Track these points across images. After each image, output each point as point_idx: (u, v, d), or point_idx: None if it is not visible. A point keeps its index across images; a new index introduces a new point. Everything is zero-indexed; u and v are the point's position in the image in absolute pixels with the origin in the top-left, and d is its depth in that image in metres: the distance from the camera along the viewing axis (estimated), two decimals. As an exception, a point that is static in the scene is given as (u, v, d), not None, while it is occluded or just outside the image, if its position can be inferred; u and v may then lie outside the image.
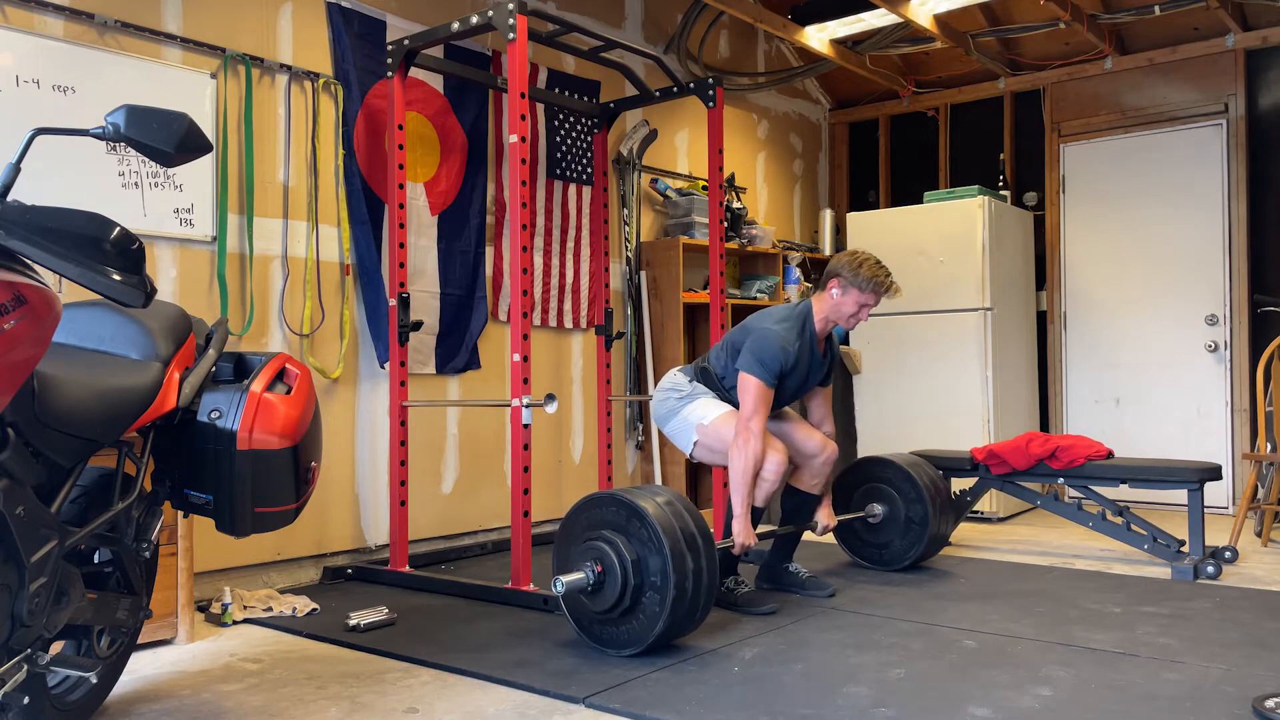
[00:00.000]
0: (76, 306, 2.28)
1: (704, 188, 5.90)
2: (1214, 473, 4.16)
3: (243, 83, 3.90)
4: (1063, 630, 3.19)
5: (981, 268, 5.56)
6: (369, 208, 4.25)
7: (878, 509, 4.15)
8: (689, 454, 3.68)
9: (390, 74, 4.09)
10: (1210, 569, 3.99)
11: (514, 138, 3.62)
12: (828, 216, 6.81)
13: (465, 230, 4.67)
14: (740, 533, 3.43)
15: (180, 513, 3.17)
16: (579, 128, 5.24)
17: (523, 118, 3.61)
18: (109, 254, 1.73)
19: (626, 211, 5.56)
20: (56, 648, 2.38)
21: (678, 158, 5.96)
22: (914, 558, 4.09)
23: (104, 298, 1.81)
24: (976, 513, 5.57)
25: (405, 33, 4.41)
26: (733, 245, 5.83)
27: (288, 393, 2.35)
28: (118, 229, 1.74)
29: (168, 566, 3.14)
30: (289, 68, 4.05)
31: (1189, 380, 5.87)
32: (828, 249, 6.77)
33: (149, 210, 3.61)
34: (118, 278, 1.74)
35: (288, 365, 2.42)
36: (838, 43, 6.11)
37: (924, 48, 6.19)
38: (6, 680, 1.82)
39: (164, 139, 1.81)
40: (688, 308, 5.74)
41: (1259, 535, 4.83)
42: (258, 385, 2.32)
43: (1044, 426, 6.32)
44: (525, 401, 3.58)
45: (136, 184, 3.58)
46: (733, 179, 6.12)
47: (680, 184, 5.92)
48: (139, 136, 1.80)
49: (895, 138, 7.07)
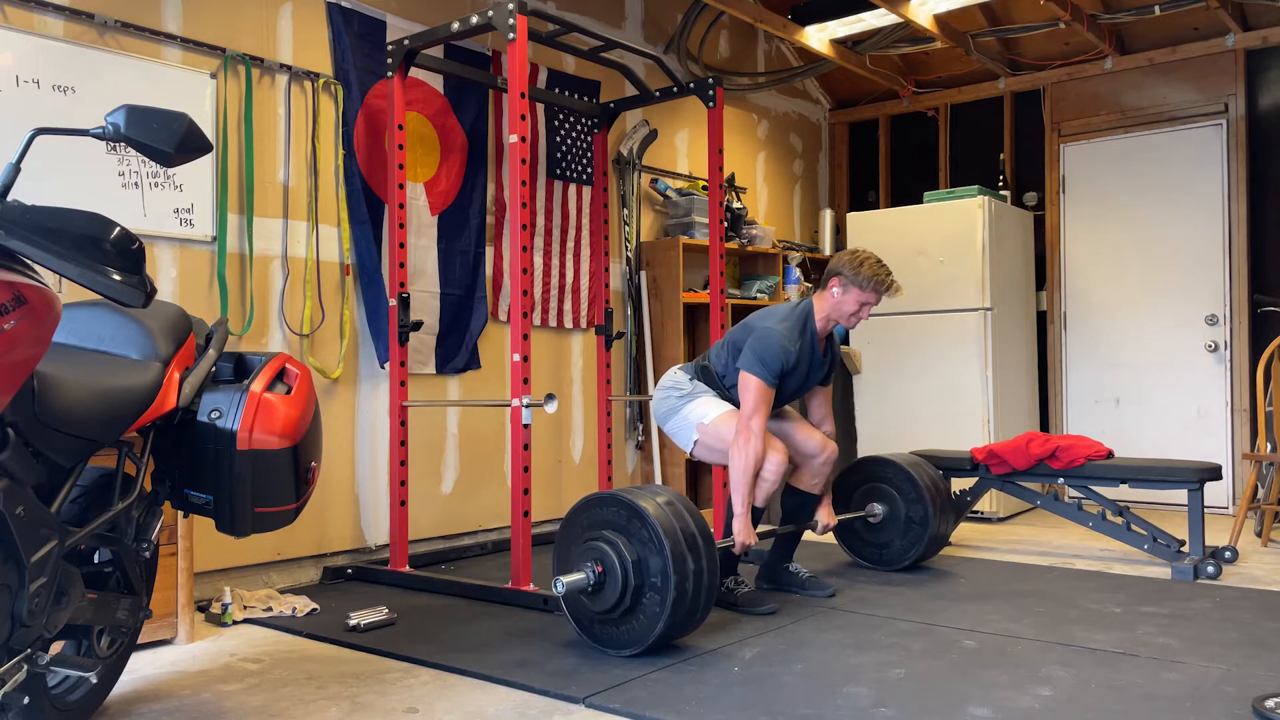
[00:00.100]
0: (76, 306, 2.28)
1: (704, 188, 5.90)
2: (1214, 473, 4.16)
3: (243, 83, 3.90)
4: (1063, 630, 3.19)
5: (981, 268, 5.56)
6: (369, 208, 4.26)
7: (878, 509, 4.16)
8: (689, 452, 3.68)
9: (390, 74, 4.09)
10: (1210, 569, 3.99)
11: (514, 138, 3.62)
12: (828, 216, 6.81)
13: (465, 230, 4.67)
14: (740, 532, 3.43)
15: (180, 513, 3.17)
16: (579, 128, 5.24)
17: (523, 118, 3.61)
18: (109, 254, 1.73)
19: (626, 211, 5.56)
20: (56, 648, 2.38)
21: (678, 158, 5.96)
22: (914, 558, 4.09)
23: (104, 298, 1.81)
24: (976, 513, 5.57)
25: (405, 33, 4.41)
26: (733, 245, 5.83)
27: (288, 393, 2.35)
28: (118, 229, 1.74)
29: (168, 566, 3.14)
30: (289, 68, 4.05)
31: (1189, 380, 5.87)
32: (828, 249, 6.77)
33: (149, 210, 3.61)
34: (118, 278, 1.74)
35: (288, 365, 2.42)
36: (838, 43, 6.12)
37: (924, 48, 6.19)
38: (6, 680, 1.82)
39: (164, 139, 1.81)
40: (688, 308, 5.74)
41: (1259, 535, 4.83)
42: (258, 385, 2.32)
43: (1044, 426, 6.32)
44: (525, 401, 3.58)
45: (136, 184, 3.58)
46: (733, 179, 6.12)
47: (680, 184, 5.92)
48: (139, 136, 1.80)
49: (895, 138, 7.07)
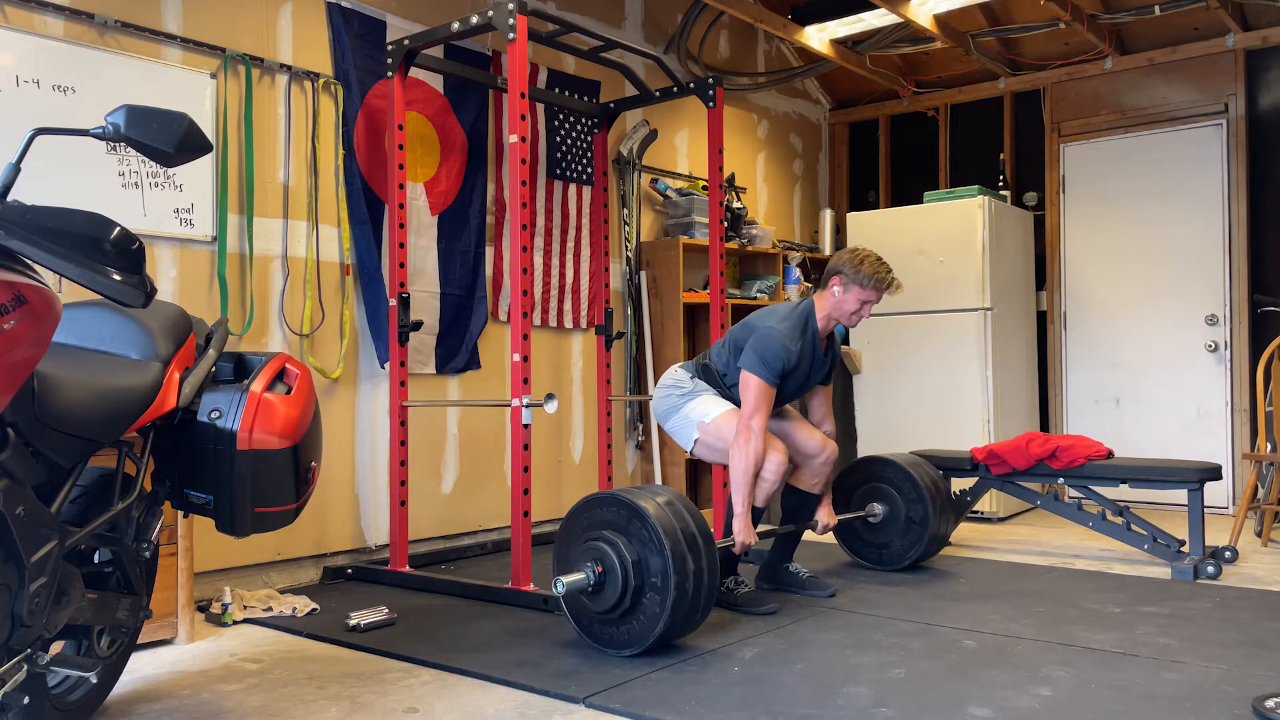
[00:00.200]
0: (76, 306, 2.28)
1: (704, 188, 5.90)
2: (1214, 473, 4.16)
3: (243, 83, 3.90)
4: (1063, 630, 3.19)
5: (981, 268, 5.56)
6: (369, 208, 4.26)
7: (878, 509, 4.16)
8: (689, 451, 3.68)
9: (390, 74, 4.09)
10: (1210, 569, 3.99)
11: (514, 138, 3.62)
12: (828, 216, 6.81)
13: (465, 230, 4.67)
14: (740, 531, 3.43)
15: (180, 513, 3.17)
16: (579, 128, 5.24)
17: (523, 118, 3.61)
18: (109, 254, 1.73)
19: (626, 211, 5.56)
20: (56, 648, 2.38)
21: (678, 158, 5.96)
22: (914, 557, 4.09)
23: (104, 298, 1.81)
24: (976, 513, 5.57)
25: (405, 33, 4.41)
26: (733, 245, 5.83)
27: (288, 393, 2.35)
28: (118, 229, 1.74)
29: (168, 566, 3.14)
30: (289, 68, 4.05)
31: (1189, 380, 5.87)
32: (828, 249, 6.77)
33: (149, 210, 3.61)
34: (118, 278, 1.74)
35: (288, 365, 2.42)
36: (838, 43, 6.12)
37: (924, 48, 6.19)
38: (6, 680, 1.82)
39: (164, 139, 1.81)
40: (688, 308, 5.74)
41: (1259, 535, 4.83)
42: (258, 385, 2.32)
43: (1044, 426, 6.32)
44: (525, 401, 3.58)
45: (136, 184, 3.58)
46: (733, 179, 6.12)
47: (680, 184, 5.92)
48: (139, 136, 1.80)
49: (895, 138, 7.07)
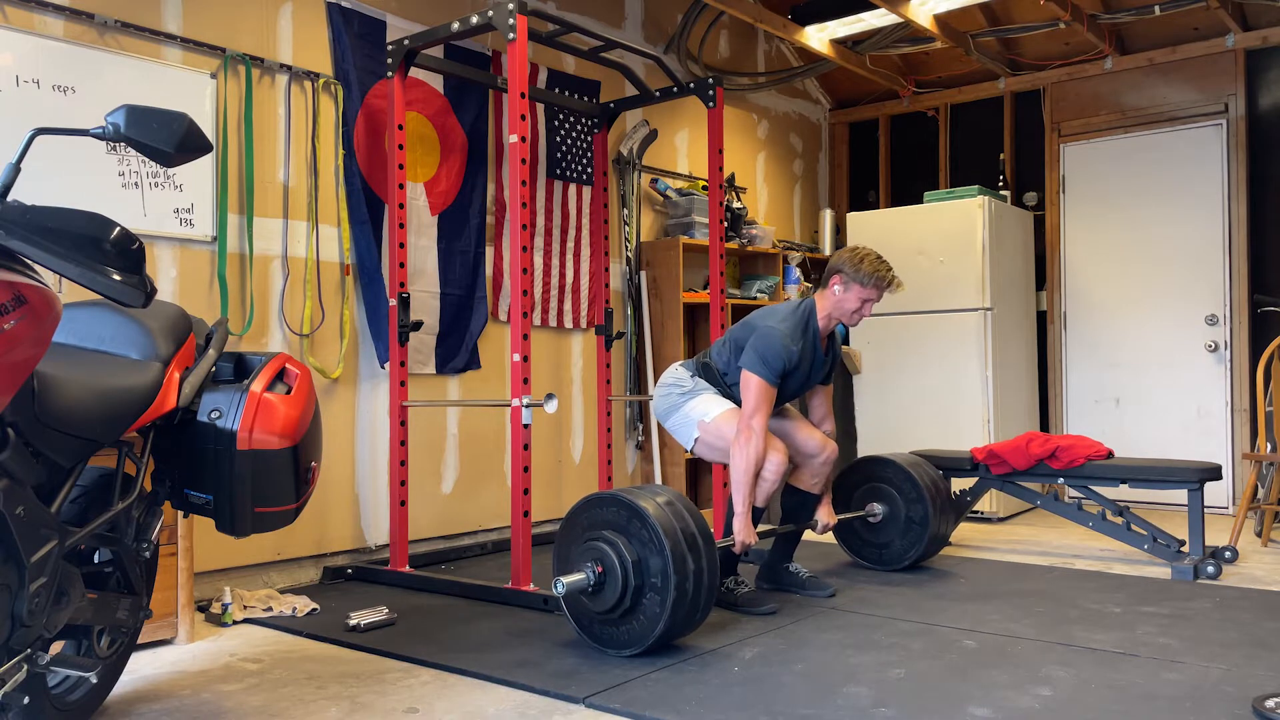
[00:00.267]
0: (76, 306, 2.28)
1: (704, 188, 5.90)
2: (1214, 473, 4.16)
3: (243, 83, 3.90)
4: (1063, 630, 3.19)
5: (981, 268, 5.56)
6: (369, 208, 4.26)
7: (878, 508, 4.16)
8: (689, 449, 3.68)
9: (390, 74, 4.09)
10: (1210, 569, 3.99)
11: (514, 138, 3.62)
12: (828, 216, 6.81)
13: (465, 230, 4.67)
14: (741, 531, 3.43)
15: (180, 513, 3.17)
16: (579, 128, 5.23)
17: (523, 118, 3.61)
18: (109, 254, 1.73)
19: (626, 211, 5.55)
20: (56, 648, 2.38)
21: (678, 158, 5.96)
22: (914, 557, 4.09)
23: (104, 298, 1.81)
24: (976, 513, 5.57)
25: (405, 33, 4.41)
26: (733, 245, 5.83)
27: (288, 393, 2.35)
28: (118, 229, 1.74)
29: (168, 566, 3.14)
30: (289, 68, 4.05)
31: (1189, 380, 5.87)
32: (828, 249, 6.77)
33: (149, 210, 3.61)
34: (118, 278, 1.74)
35: (288, 365, 2.42)
36: (838, 43, 6.12)
37: (924, 48, 6.19)
38: (6, 680, 1.82)
39: (164, 139, 1.81)
40: (688, 308, 5.74)
41: (1259, 535, 4.83)
42: (258, 385, 2.32)
43: (1044, 426, 6.32)
44: (525, 401, 3.58)
45: (136, 184, 3.58)
46: (733, 179, 6.12)
47: (680, 184, 5.92)
48: (139, 136, 1.80)
49: (895, 138, 7.07)
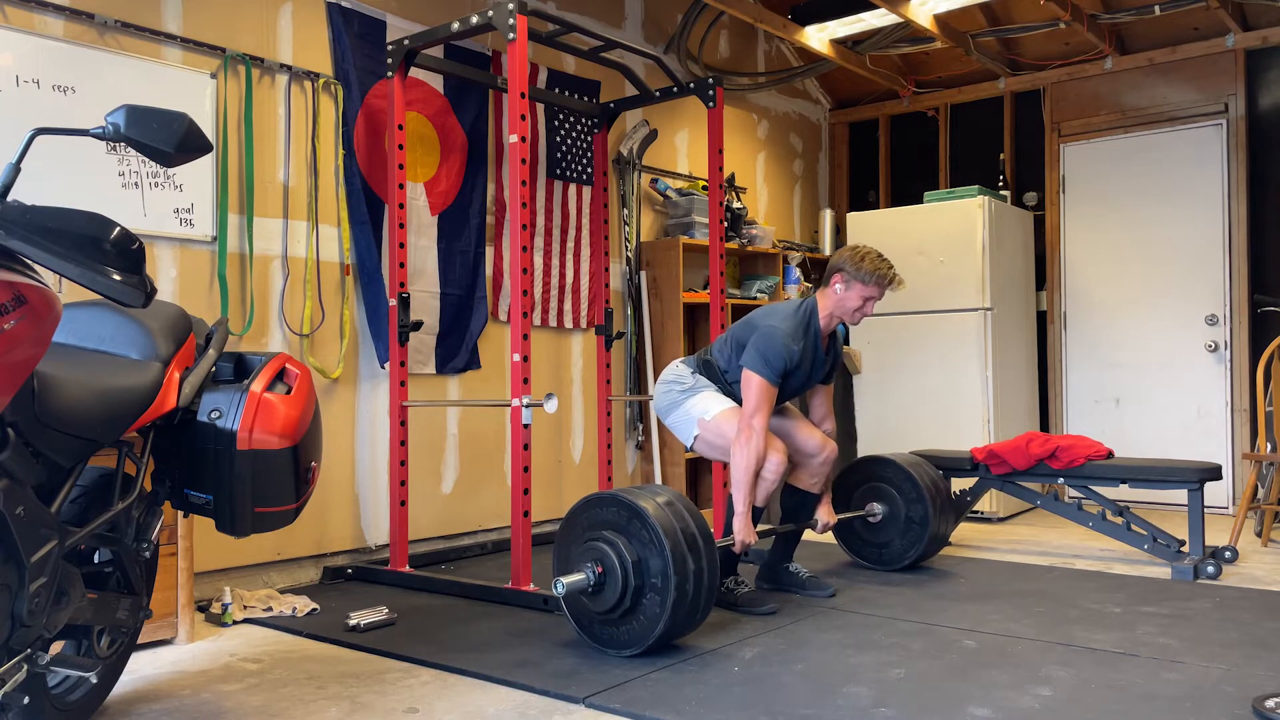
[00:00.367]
0: (76, 306, 2.28)
1: (704, 188, 5.89)
2: (1214, 473, 4.16)
3: (243, 83, 3.90)
4: (1063, 630, 3.19)
5: (981, 268, 5.56)
6: (369, 208, 4.26)
7: (878, 508, 4.16)
8: (689, 447, 3.68)
9: (390, 74, 4.09)
10: (1210, 569, 3.99)
11: (514, 138, 3.62)
12: (828, 216, 6.81)
13: (465, 230, 4.67)
14: (741, 530, 3.43)
15: (180, 513, 3.17)
16: (579, 128, 5.23)
17: (523, 118, 3.61)
18: (109, 254, 1.73)
19: (626, 211, 5.55)
20: (56, 648, 2.38)
21: (678, 158, 5.96)
22: (914, 557, 4.09)
23: (104, 298, 1.81)
24: (976, 513, 5.57)
25: (405, 33, 4.41)
26: (733, 245, 5.83)
27: (288, 393, 2.35)
28: (118, 229, 1.74)
29: (168, 566, 3.14)
30: (289, 68, 4.05)
31: (1189, 380, 5.87)
32: (828, 249, 6.77)
33: (149, 210, 3.61)
34: (118, 278, 1.74)
35: (288, 365, 2.42)
36: (838, 43, 6.11)
37: (924, 48, 6.19)
38: (6, 680, 1.82)
39: (164, 139, 1.81)
40: (688, 308, 5.74)
41: (1259, 535, 4.83)
42: (258, 385, 2.32)
43: (1044, 426, 6.32)
44: (525, 401, 3.58)
45: (136, 184, 3.58)
46: (733, 179, 6.12)
47: (680, 184, 5.92)
48: (139, 136, 1.80)
49: (895, 138, 7.07)
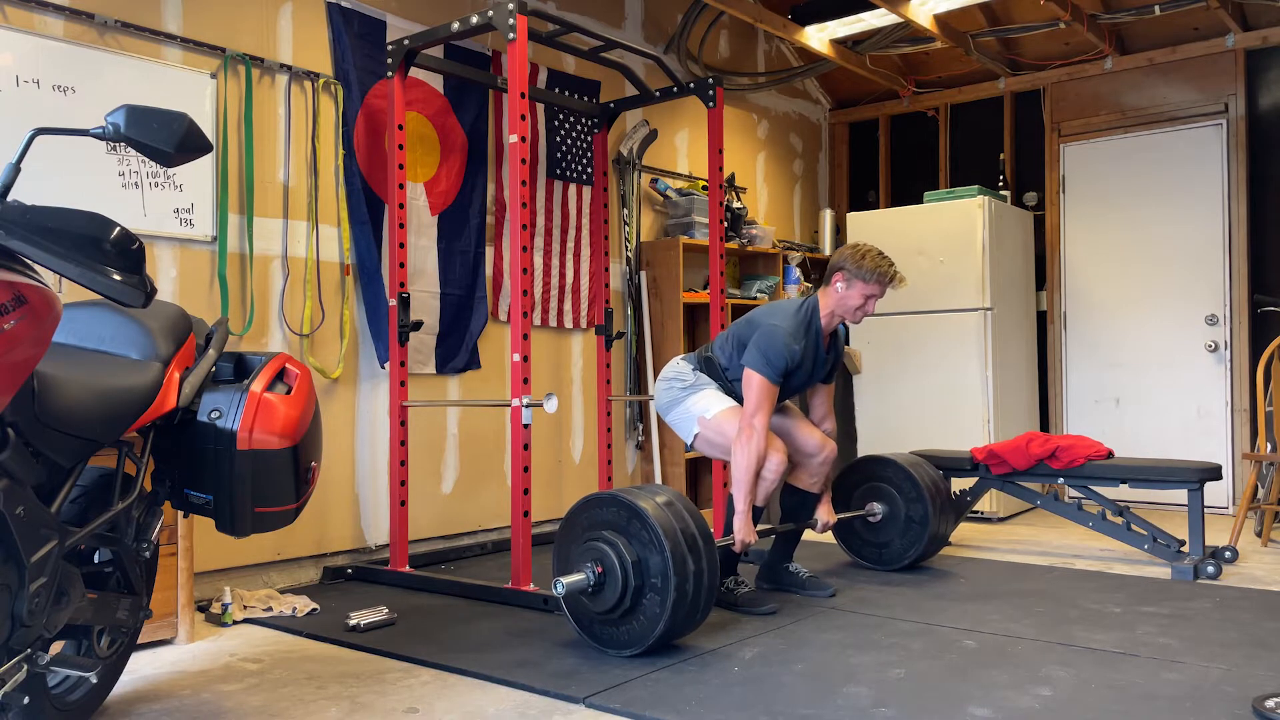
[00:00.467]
0: (76, 306, 2.28)
1: (704, 188, 5.89)
2: (1214, 473, 4.16)
3: (243, 83, 3.90)
4: (1063, 630, 3.19)
5: (981, 268, 5.56)
6: (369, 208, 4.26)
7: (878, 508, 4.16)
8: (689, 444, 3.68)
9: (390, 74, 4.09)
10: (1210, 569, 3.99)
11: (514, 138, 3.62)
12: (828, 216, 6.81)
13: (465, 230, 4.67)
14: (741, 529, 3.43)
15: (180, 513, 3.17)
16: (579, 128, 5.23)
17: (523, 118, 3.61)
18: (109, 254, 1.73)
19: (626, 211, 5.55)
20: (56, 648, 2.38)
21: (678, 158, 5.96)
22: (914, 557, 4.09)
23: (104, 298, 1.81)
24: (976, 513, 5.57)
25: (405, 33, 4.41)
26: (733, 245, 5.83)
27: (288, 393, 2.35)
28: (118, 229, 1.75)
29: (168, 566, 3.14)
30: (289, 68, 4.05)
31: (1189, 380, 5.87)
32: (828, 249, 6.77)
33: (149, 210, 3.61)
34: (118, 278, 1.74)
35: (288, 365, 2.42)
36: (838, 43, 6.11)
37: (924, 48, 6.19)
38: (6, 680, 1.82)
39: (164, 139, 1.81)
40: (688, 308, 5.74)
41: (1259, 535, 4.83)
42: (258, 385, 2.32)
43: (1044, 426, 6.32)
44: (525, 401, 3.58)
45: (136, 184, 3.58)
46: (733, 179, 6.12)
47: (680, 184, 5.92)
48: (139, 136, 1.80)
49: (895, 138, 7.07)
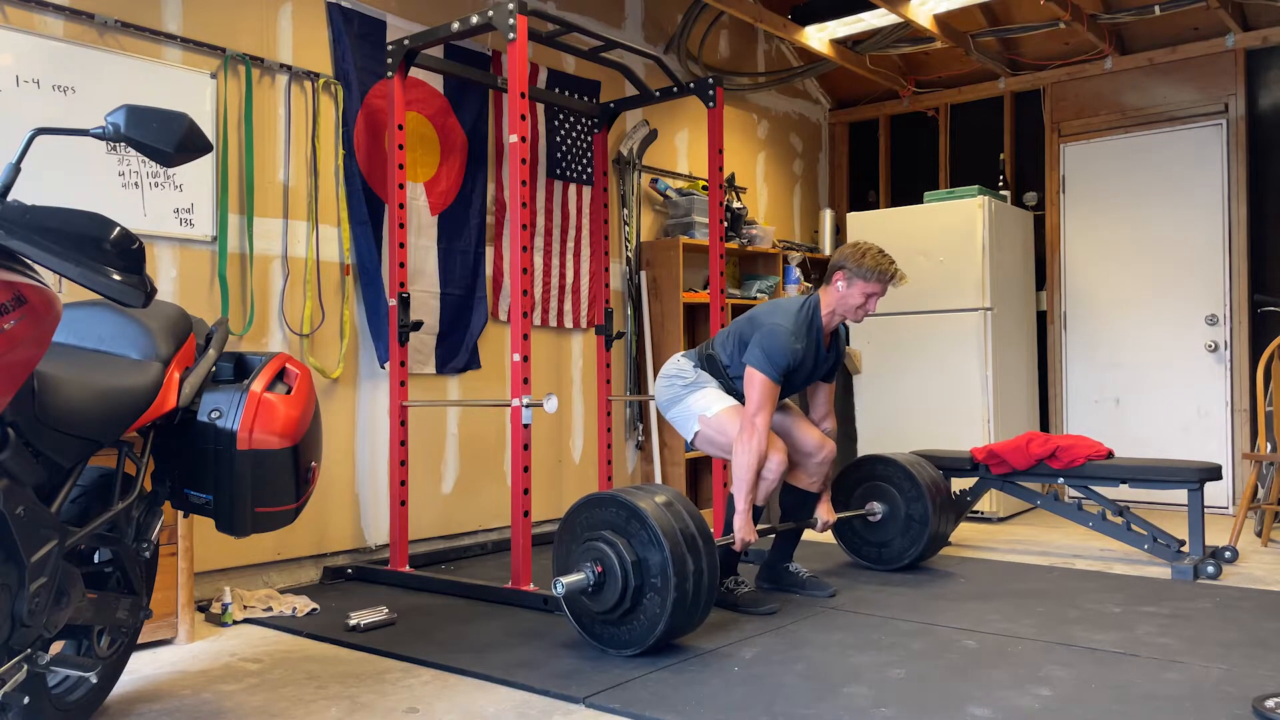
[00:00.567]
0: (76, 306, 2.28)
1: (704, 188, 5.90)
2: (1214, 473, 4.16)
3: (243, 83, 3.90)
4: (1063, 630, 3.19)
5: (981, 268, 5.56)
6: (369, 208, 4.26)
7: (878, 507, 4.15)
8: (689, 440, 3.68)
9: (390, 74, 4.09)
10: (1210, 569, 3.99)
11: (514, 138, 3.62)
12: (828, 216, 6.81)
13: (465, 230, 4.67)
14: (741, 529, 3.43)
15: (180, 513, 3.17)
16: (579, 128, 5.23)
17: (523, 118, 3.61)
18: (109, 254, 1.73)
19: (626, 211, 5.55)
20: (56, 648, 2.38)
21: (678, 158, 5.96)
22: (914, 556, 4.08)
23: (104, 298, 1.81)
24: (976, 513, 5.57)
25: (405, 33, 4.41)
26: (733, 245, 5.83)
27: (288, 393, 2.35)
28: (118, 229, 1.75)
29: (168, 566, 3.14)
30: (289, 68, 4.05)
31: (1189, 380, 5.87)
32: (828, 249, 6.77)
33: (149, 210, 3.61)
34: (118, 278, 1.74)
35: (288, 365, 2.42)
36: (838, 43, 6.11)
37: (924, 48, 6.18)
38: (6, 680, 1.82)
39: (164, 139, 1.81)
40: (688, 308, 5.74)
41: (1259, 535, 4.83)
42: (258, 385, 2.32)
43: (1044, 426, 6.32)
44: (525, 401, 3.58)
45: (136, 184, 3.58)
46: (733, 179, 6.12)
47: (680, 184, 5.92)
48: (139, 136, 1.80)
49: (895, 138, 7.07)
